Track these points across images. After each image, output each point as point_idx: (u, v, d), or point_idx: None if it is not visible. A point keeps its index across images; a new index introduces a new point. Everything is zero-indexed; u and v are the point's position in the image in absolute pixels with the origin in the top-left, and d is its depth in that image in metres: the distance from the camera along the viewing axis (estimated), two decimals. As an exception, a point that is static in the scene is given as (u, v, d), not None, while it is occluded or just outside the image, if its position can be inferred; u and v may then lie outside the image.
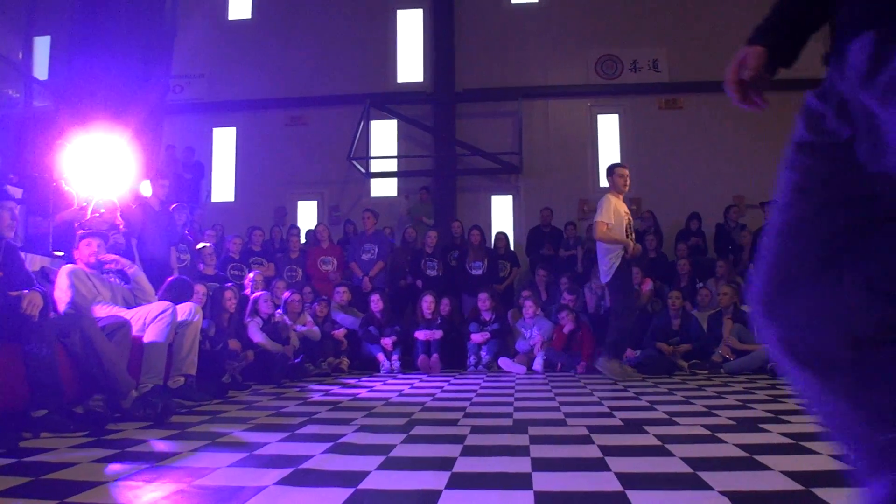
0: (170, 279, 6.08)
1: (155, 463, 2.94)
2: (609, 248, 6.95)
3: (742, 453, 2.99)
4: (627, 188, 7.26)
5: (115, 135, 7.12)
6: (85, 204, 6.49)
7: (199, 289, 6.56)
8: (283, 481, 2.58)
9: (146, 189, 7.68)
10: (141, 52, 9.23)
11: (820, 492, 2.29)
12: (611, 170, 7.28)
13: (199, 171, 12.74)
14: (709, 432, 3.58)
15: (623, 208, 7.09)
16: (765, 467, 2.70)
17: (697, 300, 9.03)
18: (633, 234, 7.17)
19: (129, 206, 6.98)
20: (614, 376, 6.75)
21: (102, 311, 4.81)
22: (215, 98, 13.66)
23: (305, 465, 2.85)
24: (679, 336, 8.26)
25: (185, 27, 11.84)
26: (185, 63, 12.78)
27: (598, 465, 2.80)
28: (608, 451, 3.08)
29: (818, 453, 2.95)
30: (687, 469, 2.70)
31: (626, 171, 7.25)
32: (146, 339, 4.85)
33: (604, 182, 12.97)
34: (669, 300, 8.53)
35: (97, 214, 6.28)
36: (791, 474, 2.55)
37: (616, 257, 6.90)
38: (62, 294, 4.71)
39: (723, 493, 2.32)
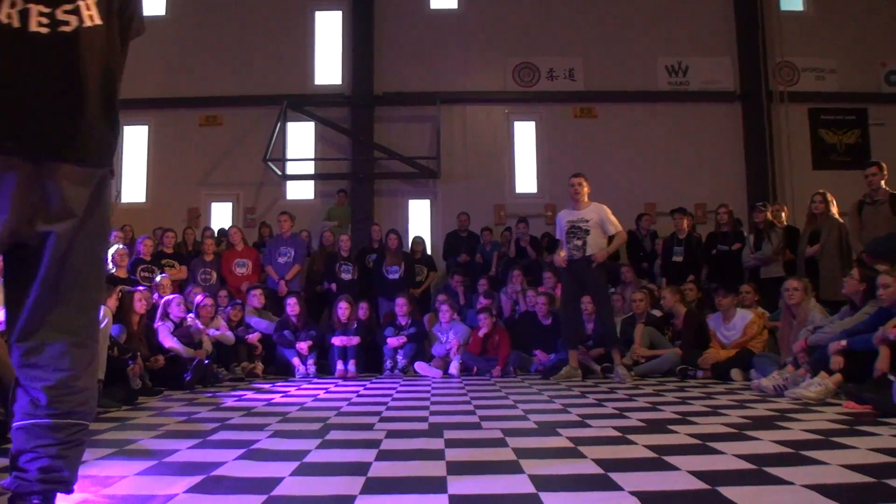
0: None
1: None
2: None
3: (651, 454, 3.08)
4: (578, 195, 7.52)
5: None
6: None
7: (113, 293, 6.35)
8: (194, 489, 2.53)
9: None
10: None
11: (725, 490, 2.38)
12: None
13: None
14: (620, 434, 3.67)
15: (568, 217, 7.55)
16: (673, 467, 2.79)
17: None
18: (577, 238, 7.43)
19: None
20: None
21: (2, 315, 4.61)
22: (126, 94, 13.14)
23: (217, 472, 2.80)
24: (592, 340, 8.41)
25: (95, 21, 11.45)
26: (94, 58, 12.36)
27: (512, 468, 2.83)
28: (522, 453, 3.12)
29: (723, 453, 3.06)
30: (598, 470, 2.76)
31: (574, 180, 7.61)
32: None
33: (519, 188, 13.30)
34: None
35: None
36: (698, 474, 2.63)
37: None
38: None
39: (633, 493, 2.38)
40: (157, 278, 8.26)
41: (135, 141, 13.49)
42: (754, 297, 7.87)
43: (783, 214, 9.51)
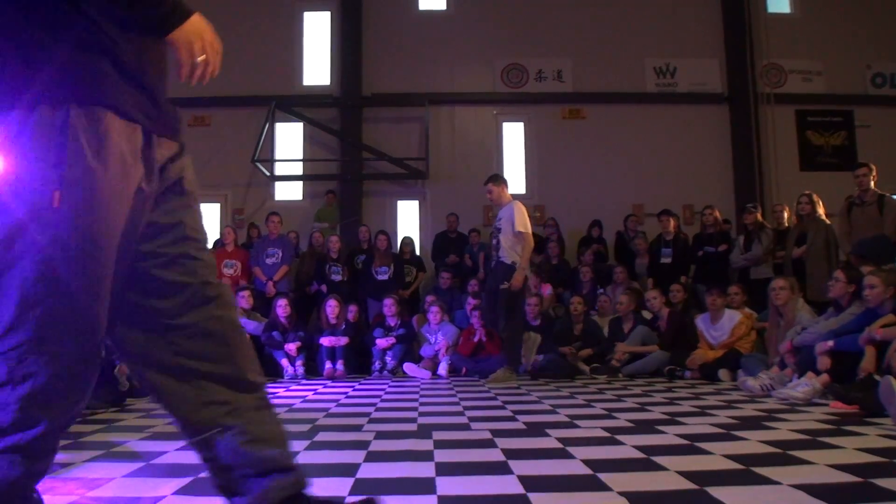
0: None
1: (46, 474, 2.82)
2: None
3: (640, 455, 3.08)
4: (492, 201, 7.96)
5: None
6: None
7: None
8: (182, 491, 2.52)
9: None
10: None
11: (713, 490, 2.38)
12: None
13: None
14: (608, 434, 3.68)
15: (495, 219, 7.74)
16: (661, 468, 2.79)
17: (597, 306, 9.23)
18: (494, 238, 7.64)
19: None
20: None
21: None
22: (113, 96, 13.15)
23: (205, 474, 2.78)
24: (581, 341, 8.43)
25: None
26: (81, 58, 12.27)
27: (500, 469, 2.83)
28: (511, 454, 3.12)
29: (712, 453, 3.07)
30: (587, 471, 2.76)
31: (486, 186, 7.85)
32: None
33: (508, 189, 13.26)
34: (571, 306, 8.71)
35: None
36: (686, 474, 2.64)
37: None
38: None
39: (621, 493, 2.38)
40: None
41: (122, 141, 13.41)
42: (742, 298, 7.91)
43: (785, 214, 9.43)
